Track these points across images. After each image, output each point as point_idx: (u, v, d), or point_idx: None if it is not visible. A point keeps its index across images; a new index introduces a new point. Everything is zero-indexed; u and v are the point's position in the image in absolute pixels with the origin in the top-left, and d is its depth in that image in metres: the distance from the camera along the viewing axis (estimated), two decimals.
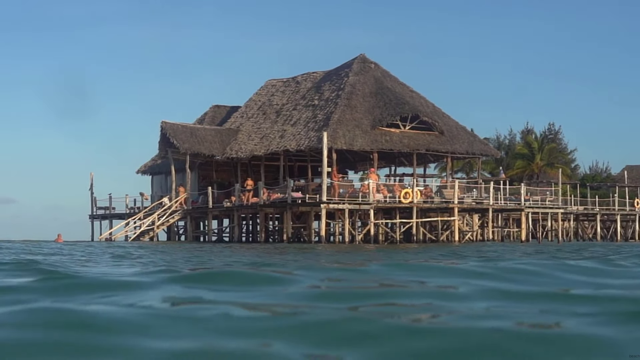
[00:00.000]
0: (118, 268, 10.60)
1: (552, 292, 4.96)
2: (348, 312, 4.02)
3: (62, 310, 3.73)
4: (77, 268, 9.18)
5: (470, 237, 43.03)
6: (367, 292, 5.02)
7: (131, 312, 3.79)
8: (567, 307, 4.16)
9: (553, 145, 71.17)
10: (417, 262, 10.97)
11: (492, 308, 4.22)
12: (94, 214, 52.53)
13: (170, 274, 6.08)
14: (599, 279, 6.08)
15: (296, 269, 6.79)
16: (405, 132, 43.22)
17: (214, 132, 48.12)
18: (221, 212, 44.84)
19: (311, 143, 41.75)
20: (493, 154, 50.08)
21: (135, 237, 43.85)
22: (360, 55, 47.85)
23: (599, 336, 3.29)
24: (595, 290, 4.97)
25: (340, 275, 6.58)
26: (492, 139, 72.96)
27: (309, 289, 5.20)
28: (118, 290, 5.05)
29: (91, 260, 14.88)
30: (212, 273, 6.55)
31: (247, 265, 9.57)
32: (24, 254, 17.85)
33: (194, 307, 4.15)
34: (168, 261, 15.49)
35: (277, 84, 51.40)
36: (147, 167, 53.23)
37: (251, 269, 6.89)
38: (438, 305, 4.28)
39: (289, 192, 39.33)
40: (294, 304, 4.31)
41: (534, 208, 45.31)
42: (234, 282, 5.41)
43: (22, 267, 8.00)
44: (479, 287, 5.11)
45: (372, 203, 38.52)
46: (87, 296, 4.80)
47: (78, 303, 4.24)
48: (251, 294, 4.87)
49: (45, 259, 14.14)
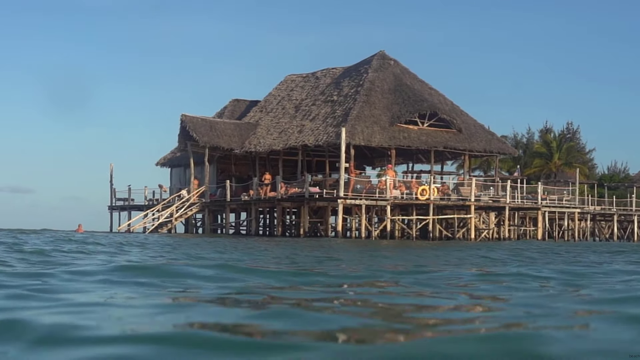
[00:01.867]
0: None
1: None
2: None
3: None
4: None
5: (486, 235, 43.14)
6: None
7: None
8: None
9: (571, 145, 70.97)
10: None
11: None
12: (113, 205, 53.04)
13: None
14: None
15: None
16: (423, 129, 43.37)
17: (233, 126, 48.45)
18: (239, 205, 45.16)
19: (329, 138, 41.99)
20: (511, 152, 50.12)
21: (154, 228, 44.24)
22: (380, 52, 48.03)
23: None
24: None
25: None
26: (509, 137, 72.85)
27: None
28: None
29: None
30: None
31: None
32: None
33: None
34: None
35: (297, 79, 51.67)
36: (167, 160, 53.65)
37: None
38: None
39: (307, 187, 39.60)
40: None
41: (550, 207, 45.36)
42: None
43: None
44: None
45: (389, 199, 38.73)
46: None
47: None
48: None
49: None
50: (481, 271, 10.43)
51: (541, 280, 8.36)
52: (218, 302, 5.78)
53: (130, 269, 8.71)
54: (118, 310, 5.28)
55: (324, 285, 7.45)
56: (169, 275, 7.96)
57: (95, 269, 8.62)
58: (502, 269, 11.08)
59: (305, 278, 8.42)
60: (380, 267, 11.35)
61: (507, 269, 11.27)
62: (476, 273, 9.89)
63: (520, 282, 8.06)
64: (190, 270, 8.58)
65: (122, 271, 8.38)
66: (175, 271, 8.51)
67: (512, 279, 8.54)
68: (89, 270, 8.49)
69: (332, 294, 6.77)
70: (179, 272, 8.31)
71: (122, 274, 8.06)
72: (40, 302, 5.46)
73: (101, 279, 7.52)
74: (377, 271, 9.97)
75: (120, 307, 5.47)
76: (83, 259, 12.12)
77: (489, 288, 7.37)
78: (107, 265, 9.33)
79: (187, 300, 6.12)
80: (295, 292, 6.81)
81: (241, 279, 7.89)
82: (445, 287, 7.52)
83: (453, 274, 9.37)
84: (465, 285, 7.80)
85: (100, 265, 9.49)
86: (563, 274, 9.47)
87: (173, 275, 7.93)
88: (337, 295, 6.73)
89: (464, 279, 8.63)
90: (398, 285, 7.78)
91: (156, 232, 43.22)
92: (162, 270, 8.54)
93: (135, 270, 8.56)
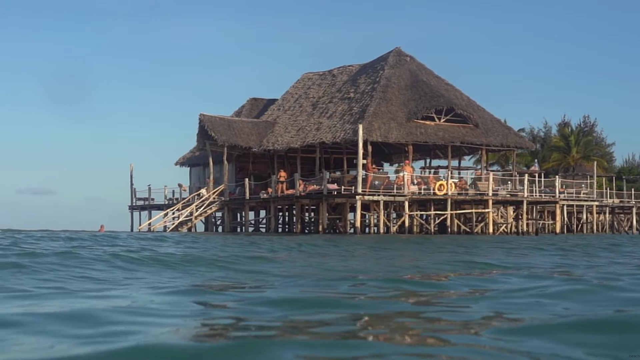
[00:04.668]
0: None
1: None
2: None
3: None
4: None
5: (504, 229, 43.22)
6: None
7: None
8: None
9: (589, 139, 70.82)
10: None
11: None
12: (133, 205, 53.52)
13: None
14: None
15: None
16: (440, 124, 43.52)
17: (251, 124, 48.79)
18: (258, 203, 45.47)
19: (347, 135, 42.22)
20: (528, 147, 50.15)
21: (174, 227, 44.65)
22: (396, 49, 48.21)
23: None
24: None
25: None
26: (526, 131, 72.78)
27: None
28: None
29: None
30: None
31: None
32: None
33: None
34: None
35: (314, 77, 51.94)
36: (186, 159, 54.07)
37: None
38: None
39: (325, 184, 39.86)
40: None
41: (568, 200, 45.39)
42: None
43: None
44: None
45: (407, 195, 38.93)
46: None
47: None
48: None
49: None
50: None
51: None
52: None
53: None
54: None
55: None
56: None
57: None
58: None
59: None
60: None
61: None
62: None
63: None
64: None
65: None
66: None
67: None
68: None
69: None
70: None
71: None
72: None
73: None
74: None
75: None
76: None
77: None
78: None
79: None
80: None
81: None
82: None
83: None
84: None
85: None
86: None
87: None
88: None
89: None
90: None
91: (176, 230, 43.63)
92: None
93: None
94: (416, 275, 9.20)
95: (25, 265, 9.90)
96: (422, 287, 7.39)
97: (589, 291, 6.41)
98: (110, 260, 11.30)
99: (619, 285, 6.99)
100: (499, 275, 9.12)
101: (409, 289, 7.26)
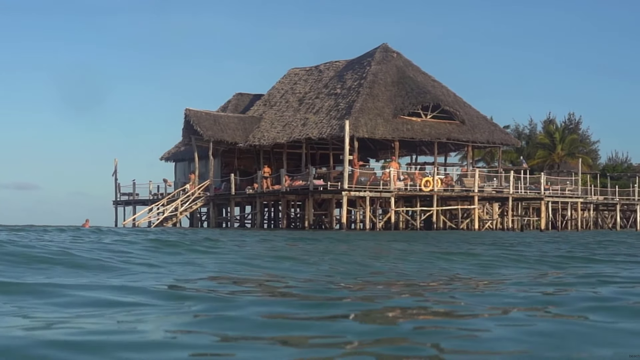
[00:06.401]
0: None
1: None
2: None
3: None
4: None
5: (490, 225, 43.34)
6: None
7: None
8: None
9: (574, 137, 71.06)
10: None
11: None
12: (117, 200, 53.25)
13: None
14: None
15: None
16: (426, 121, 43.53)
17: (237, 119, 48.65)
18: (243, 199, 45.36)
19: (333, 131, 42.16)
20: (514, 143, 50.29)
21: (159, 223, 44.44)
22: (383, 45, 48.17)
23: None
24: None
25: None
26: (511, 128, 72.93)
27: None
28: None
29: None
30: None
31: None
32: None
33: None
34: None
35: (300, 72, 51.83)
36: (171, 154, 53.86)
37: None
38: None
39: (311, 180, 39.80)
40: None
41: (553, 197, 45.56)
42: None
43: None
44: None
45: (393, 191, 38.93)
46: None
47: None
48: None
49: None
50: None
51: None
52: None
53: None
54: None
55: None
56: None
57: None
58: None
59: None
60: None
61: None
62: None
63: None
64: None
65: None
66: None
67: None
68: None
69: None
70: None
71: None
72: None
73: None
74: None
75: None
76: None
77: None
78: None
79: None
80: None
81: None
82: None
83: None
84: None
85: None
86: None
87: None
88: None
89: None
90: None
91: (161, 226, 43.43)
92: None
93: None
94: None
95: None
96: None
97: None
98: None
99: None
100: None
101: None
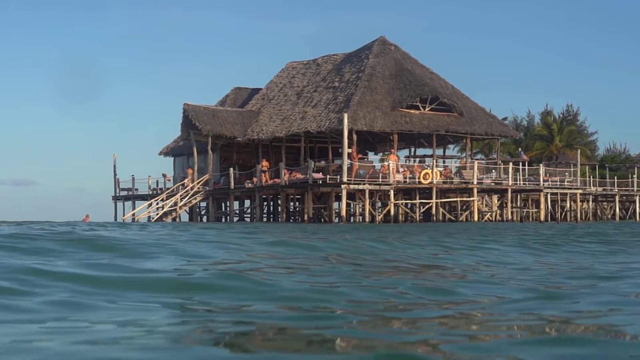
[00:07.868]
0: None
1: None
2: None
3: None
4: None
5: (489, 217, 43.39)
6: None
7: None
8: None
9: (572, 128, 71.04)
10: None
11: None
12: (117, 195, 53.25)
13: None
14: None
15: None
16: (424, 113, 43.55)
17: (236, 114, 48.64)
18: (243, 193, 45.39)
19: (332, 124, 42.17)
20: (512, 135, 50.30)
21: (158, 217, 44.48)
22: (381, 38, 48.14)
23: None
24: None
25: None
26: (509, 119, 72.89)
27: None
28: None
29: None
30: None
31: None
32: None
33: None
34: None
35: (298, 66, 51.80)
36: (170, 149, 53.85)
37: None
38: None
39: (310, 173, 39.83)
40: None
41: (552, 189, 45.61)
42: None
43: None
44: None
45: (392, 184, 38.97)
46: None
47: None
48: None
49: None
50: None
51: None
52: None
53: None
54: None
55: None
56: None
57: None
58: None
59: None
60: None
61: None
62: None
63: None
64: None
65: None
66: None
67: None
68: None
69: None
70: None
71: None
72: None
73: None
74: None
75: None
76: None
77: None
78: None
79: None
80: None
81: None
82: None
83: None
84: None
85: None
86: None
87: None
88: None
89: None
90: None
91: (161, 221, 43.47)
92: None
93: None
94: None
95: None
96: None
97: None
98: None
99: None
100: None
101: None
